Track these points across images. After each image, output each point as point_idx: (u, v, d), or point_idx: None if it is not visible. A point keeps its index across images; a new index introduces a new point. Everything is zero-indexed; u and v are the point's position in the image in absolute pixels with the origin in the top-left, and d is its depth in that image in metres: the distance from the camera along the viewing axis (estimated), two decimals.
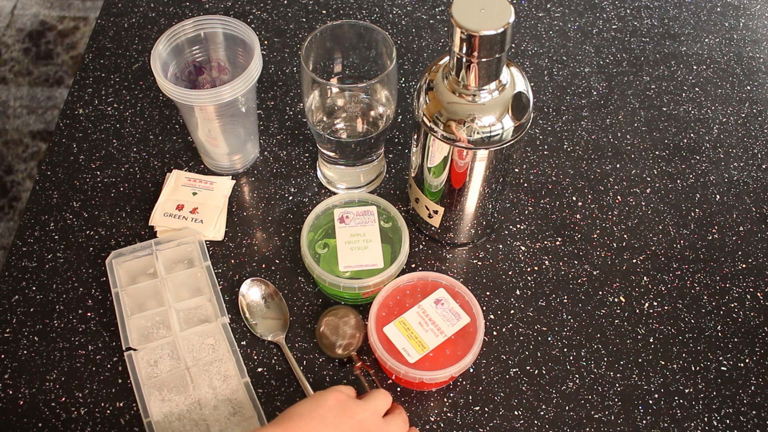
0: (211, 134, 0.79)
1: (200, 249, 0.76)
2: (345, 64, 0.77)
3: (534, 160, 0.86)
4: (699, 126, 0.90)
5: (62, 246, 0.79)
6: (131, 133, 0.87)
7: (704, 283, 0.78)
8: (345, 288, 0.71)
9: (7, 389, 0.70)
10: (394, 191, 0.83)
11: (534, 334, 0.74)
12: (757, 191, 0.85)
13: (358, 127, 0.78)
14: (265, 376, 0.71)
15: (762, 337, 0.75)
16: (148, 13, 0.99)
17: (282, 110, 0.90)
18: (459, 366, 0.66)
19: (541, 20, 1.00)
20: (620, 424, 0.69)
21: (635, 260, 0.79)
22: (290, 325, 0.74)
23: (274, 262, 0.78)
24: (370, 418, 0.61)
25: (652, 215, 0.83)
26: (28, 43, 2.10)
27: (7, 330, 0.74)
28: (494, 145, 0.65)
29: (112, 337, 0.73)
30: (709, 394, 0.71)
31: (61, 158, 0.85)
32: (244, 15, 0.99)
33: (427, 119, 0.66)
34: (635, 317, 0.75)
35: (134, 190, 0.83)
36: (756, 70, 0.95)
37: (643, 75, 0.94)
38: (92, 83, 0.92)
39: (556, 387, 0.71)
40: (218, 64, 0.80)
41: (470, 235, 0.79)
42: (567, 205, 0.83)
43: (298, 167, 0.85)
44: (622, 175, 0.85)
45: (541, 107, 0.91)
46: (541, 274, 0.78)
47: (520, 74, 0.66)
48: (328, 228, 0.75)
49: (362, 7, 1.00)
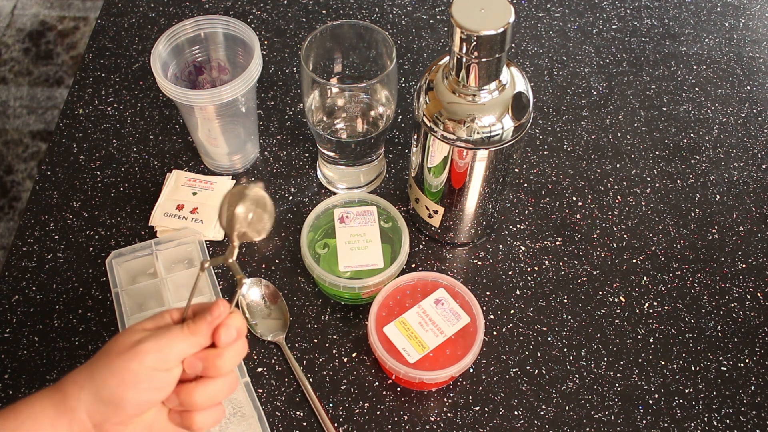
0: (211, 134, 0.79)
1: (200, 249, 0.76)
2: (345, 64, 0.77)
3: (534, 160, 0.86)
4: (699, 126, 0.90)
5: (62, 246, 0.79)
6: (131, 133, 0.87)
7: (704, 283, 0.78)
8: (345, 288, 0.71)
9: (7, 389, 0.70)
10: (394, 191, 0.83)
11: (534, 334, 0.74)
12: (757, 191, 0.85)
13: (358, 127, 0.78)
14: (265, 376, 0.71)
15: (762, 337, 0.75)
16: (148, 13, 0.99)
17: (282, 110, 0.90)
18: (459, 366, 0.66)
19: (541, 20, 1.00)
20: (620, 424, 0.69)
21: (635, 260, 0.79)
22: (290, 325, 0.74)
23: (274, 262, 0.78)
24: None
25: (652, 215, 0.83)
26: (28, 43, 2.10)
27: (7, 330, 0.74)
28: (494, 145, 0.65)
29: (112, 337, 0.73)
30: (709, 394, 0.71)
31: (61, 158, 0.85)
32: (244, 15, 0.99)
33: (427, 119, 0.66)
34: (635, 317, 0.75)
35: (134, 190, 0.83)
36: (756, 70, 0.95)
37: (643, 75, 0.94)
38: (92, 83, 0.92)
39: (556, 387, 0.71)
40: (218, 64, 0.80)
41: (470, 235, 0.79)
42: (567, 205, 0.83)
43: (298, 167, 0.85)
44: (622, 175, 0.85)
45: (541, 107, 0.91)
46: (541, 274, 0.78)
47: (520, 74, 0.66)
48: (328, 228, 0.75)
49: (362, 7, 1.00)
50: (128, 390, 0.49)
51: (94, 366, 0.50)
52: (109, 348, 0.51)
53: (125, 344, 0.50)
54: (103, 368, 0.50)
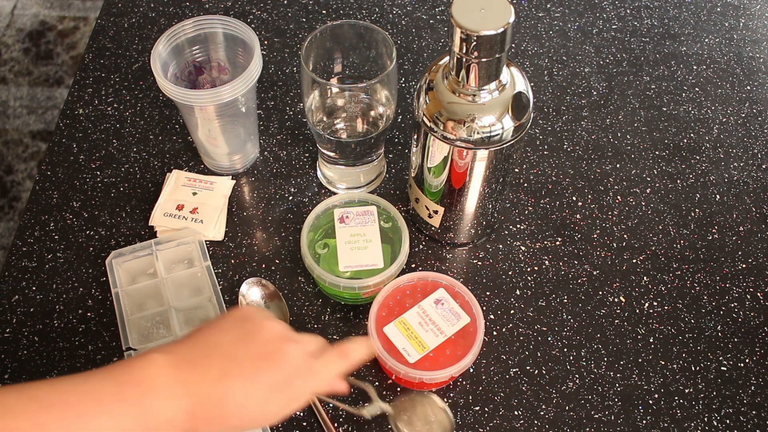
0: (211, 134, 0.79)
1: (200, 249, 0.76)
2: (345, 64, 0.77)
3: (534, 160, 0.86)
4: (699, 126, 0.90)
5: (62, 246, 0.79)
6: (131, 133, 0.87)
7: (704, 283, 0.78)
8: (345, 288, 0.71)
9: None
10: (394, 191, 0.83)
11: (534, 334, 0.74)
12: (757, 191, 0.85)
13: (358, 127, 0.78)
14: None
15: (762, 337, 0.75)
16: (148, 13, 0.99)
17: (282, 110, 0.90)
18: (459, 366, 0.66)
19: (541, 20, 1.00)
20: (620, 424, 0.69)
21: (635, 260, 0.79)
22: (290, 325, 0.74)
23: (274, 262, 0.78)
24: (280, 342, 0.53)
25: (652, 215, 0.83)
26: (28, 43, 2.10)
27: (7, 330, 0.74)
28: (494, 145, 0.65)
29: (112, 337, 0.73)
30: (709, 394, 0.71)
31: (61, 158, 0.85)
32: (244, 15, 0.99)
33: (427, 119, 0.66)
34: (635, 317, 0.75)
35: (134, 190, 0.83)
36: (756, 70, 0.95)
37: (643, 75, 0.94)
38: (92, 83, 0.92)
39: (556, 387, 0.71)
40: (218, 64, 0.80)
41: (470, 235, 0.79)
42: (567, 205, 0.83)
43: (298, 167, 0.85)
44: (622, 175, 0.85)
45: (541, 107, 0.91)
46: (541, 274, 0.78)
47: (520, 74, 0.66)
48: (328, 228, 0.75)
49: (362, 7, 1.00)
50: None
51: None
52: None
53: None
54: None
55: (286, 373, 0.53)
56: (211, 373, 0.50)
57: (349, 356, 0.57)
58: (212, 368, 0.50)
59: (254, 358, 0.52)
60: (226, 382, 0.50)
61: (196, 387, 0.50)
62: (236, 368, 0.51)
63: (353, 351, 0.57)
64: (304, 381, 0.54)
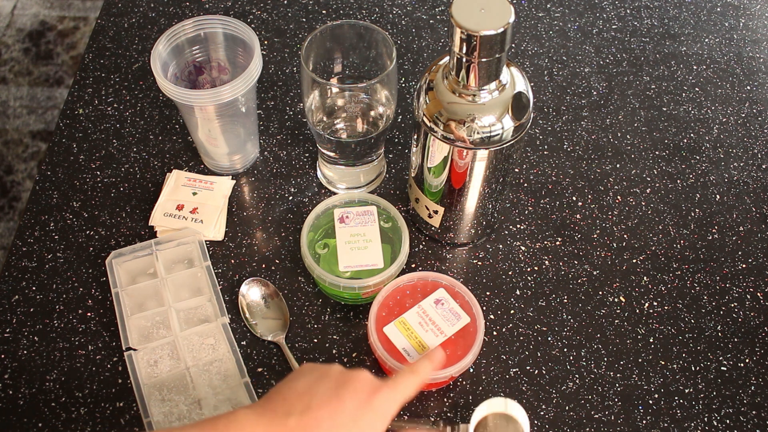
0: (211, 134, 0.79)
1: (200, 249, 0.76)
2: (345, 64, 0.77)
3: (534, 160, 0.86)
4: (699, 126, 0.90)
5: (62, 246, 0.79)
6: (131, 133, 0.87)
7: (704, 283, 0.78)
8: (345, 288, 0.71)
9: (7, 389, 0.70)
10: (394, 191, 0.83)
11: (534, 334, 0.74)
12: (757, 191, 0.85)
13: (358, 127, 0.78)
14: (265, 376, 0.71)
15: (762, 337, 0.75)
16: (148, 13, 0.99)
17: (282, 110, 0.90)
18: (459, 366, 0.66)
19: (541, 20, 1.00)
20: (620, 424, 0.69)
21: (635, 260, 0.79)
22: (290, 325, 0.74)
23: (274, 262, 0.78)
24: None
25: (652, 215, 0.83)
26: (28, 43, 2.10)
27: (7, 330, 0.74)
28: (494, 145, 0.65)
29: (112, 337, 0.73)
30: (709, 394, 0.71)
31: (61, 158, 0.85)
32: (244, 15, 0.99)
33: (427, 119, 0.66)
34: (635, 317, 0.75)
35: (134, 190, 0.83)
36: (756, 70, 0.95)
37: (643, 75, 0.94)
38: (92, 83, 0.92)
39: (556, 387, 0.71)
40: (218, 64, 0.80)
41: (470, 235, 0.79)
42: (567, 205, 0.83)
43: (298, 167, 0.85)
44: (622, 175, 0.85)
45: (541, 107, 0.91)
46: (541, 274, 0.78)
47: (520, 74, 0.66)
48: (328, 228, 0.75)
49: (362, 7, 1.00)
50: None
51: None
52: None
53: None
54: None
55: (366, 391, 0.56)
56: (295, 409, 0.53)
57: (418, 369, 0.60)
58: (295, 406, 0.54)
59: (332, 387, 0.55)
60: (311, 413, 0.53)
61: (284, 426, 0.53)
62: (317, 400, 0.54)
63: (420, 364, 0.61)
64: (385, 395, 0.56)
